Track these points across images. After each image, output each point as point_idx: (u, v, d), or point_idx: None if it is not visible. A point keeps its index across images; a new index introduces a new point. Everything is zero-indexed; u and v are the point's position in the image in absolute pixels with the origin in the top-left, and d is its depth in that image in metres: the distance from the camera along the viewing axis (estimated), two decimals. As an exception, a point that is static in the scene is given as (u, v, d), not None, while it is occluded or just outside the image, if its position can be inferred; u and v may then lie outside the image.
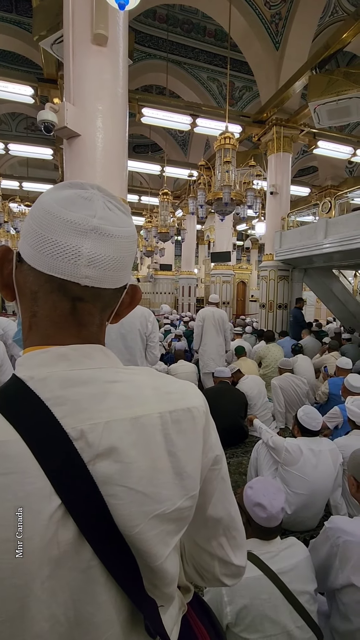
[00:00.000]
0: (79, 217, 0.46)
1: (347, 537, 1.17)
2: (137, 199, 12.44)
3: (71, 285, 0.47)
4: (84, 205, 0.47)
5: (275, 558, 1.21)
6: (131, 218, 0.53)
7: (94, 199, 0.48)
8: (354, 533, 1.17)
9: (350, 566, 1.13)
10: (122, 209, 0.51)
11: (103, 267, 0.47)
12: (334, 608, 1.24)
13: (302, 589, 1.17)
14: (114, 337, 2.26)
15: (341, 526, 1.22)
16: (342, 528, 1.21)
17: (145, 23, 8.68)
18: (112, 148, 3.14)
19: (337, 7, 7.43)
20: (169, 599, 0.54)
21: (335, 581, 1.17)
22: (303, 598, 1.16)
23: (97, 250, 0.47)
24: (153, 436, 0.46)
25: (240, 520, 0.63)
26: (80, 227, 0.46)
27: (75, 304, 0.48)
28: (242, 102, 10.22)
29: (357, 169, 13.07)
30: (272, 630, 1.10)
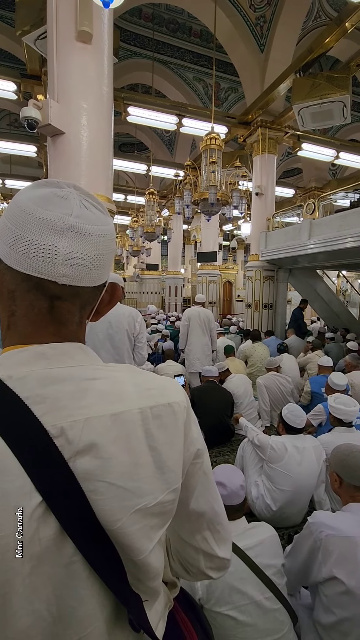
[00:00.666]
0: (55, 216, 0.46)
1: (329, 532, 1.19)
2: (123, 198, 12.36)
3: (48, 284, 0.47)
4: (60, 204, 0.47)
5: (240, 536, 1.28)
6: (109, 216, 0.54)
7: (70, 197, 0.48)
8: (336, 527, 1.20)
9: (332, 559, 1.16)
10: (99, 208, 0.51)
11: (80, 266, 0.47)
12: (317, 601, 1.27)
13: (268, 563, 1.24)
14: (101, 337, 2.24)
15: (324, 521, 1.24)
16: (324, 523, 1.23)
17: (131, 21, 8.63)
18: (97, 146, 3.12)
19: (320, 11, 7.57)
20: (154, 593, 0.55)
21: (318, 575, 1.20)
22: (269, 571, 1.23)
23: (74, 249, 0.47)
24: (134, 431, 0.47)
25: (225, 515, 0.64)
26: (56, 226, 0.46)
27: (53, 303, 0.48)
28: (227, 103, 10.29)
29: (340, 172, 13.34)
30: (240, 601, 1.17)
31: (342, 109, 5.84)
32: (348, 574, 1.12)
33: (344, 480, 1.31)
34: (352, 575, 1.12)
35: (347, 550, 1.14)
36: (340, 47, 6.97)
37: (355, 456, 1.31)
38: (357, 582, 1.11)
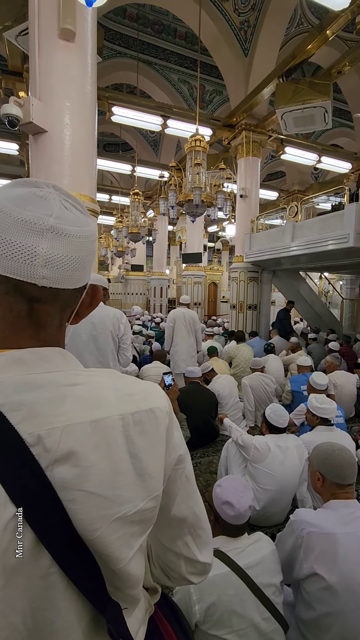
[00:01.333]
0: (34, 217, 0.45)
1: (311, 529, 1.21)
2: (108, 198, 12.26)
3: (28, 286, 0.46)
4: (40, 204, 0.46)
5: (242, 554, 1.23)
6: (89, 217, 0.53)
7: (50, 197, 0.47)
8: (317, 524, 1.22)
9: (313, 556, 1.17)
10: (79, 208, 0.51)
11: (61, 268, 0.46)
12: (298, 598, 1.28)
13: (268, 582, 1.20)
14: (85, 339, 2.21)
15: (305, 518, 1.26)
16: (306, 520, 1.25)
17: (115, 21, 8.58)
18: (80, 146, 3.08)
19: (303, 18, 7.72)
20: (134, 601, 0.54)
21: (300, 571, 1.21)
22: (269, 590, 1.19)
23: (54, 250, 0.46)
24: (114, 438, 0.46)
25: (206, 518, 0.63)
26: (35, 227, 0.45)
27: (32, 305, 0.47)
28: (212, 105, 10.35)
29: (322, 175, 13.63)
30: (239, 625, 1.13)
31: (324, 114, 5.97)
32: (328, 569, 1.14)
33: (327, 479, 1.33)
34: (332, 571, 1.13)
35: (328, 547, 1.16)
36: (322, 54, 7.13)
37: (337, 455, 1.33)
38: (337, 577, 1.13)
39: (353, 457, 1.33)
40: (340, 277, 11.87)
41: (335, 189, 6.41)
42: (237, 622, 1.13)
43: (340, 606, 1.12)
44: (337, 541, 1.16)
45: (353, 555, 1.13)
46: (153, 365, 4.46)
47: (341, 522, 1.21)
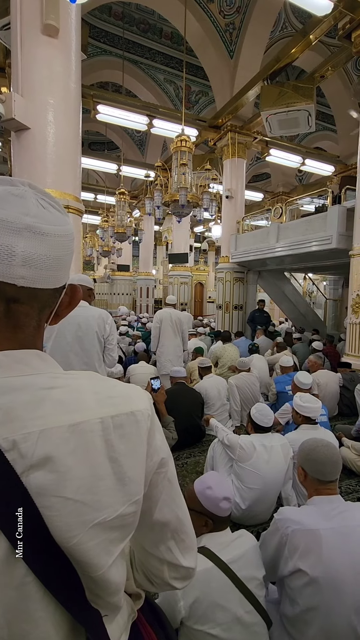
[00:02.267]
0: (11, 215, 0.44)
1: (295, 526, 1.22)
2: (93, 198, 12.14)
3: (5, 287, 0.45)
4: (16, 203, 0.45)
5: (226, 549, 1.25)
6: (67, 216, 0.52)
7: (26, 196, 0.46)
8: (301, 522, 1.23)
9: (298, 553, 1.18)
10: (56, 207, 0.50)
11: (39, 267, 0.46)
12: (283, 595, 1.29)
13: (251, 576, 1.23)
14: (70, 340, 2.18)
15: (289, 516, 1.27)
16: (290, 518, 1.26)
17: (101, 18, 8.51)
18: (64, 144, 3.04)
19: (287, 22, 7.83)
20: (115, 608, 0.53)
21: (285, 569, 1.22)
22: (252, 584, 1.21)
23: (32, 249, 0.45)
24: (93, 442, 0.45)
25: (190, 522, 0.63)
26: (12, 226, 0.44)
27: (9, 306, 0.46)
28: (198, 106, 10.39)
29: (306, 178, 13.85)
30: (223, 618, 1.15)
31: (307, 117, 6.07)
32: (312, 565, 1.15)
33: (309, 474, 1.35)
34: (315, 566, 1.15)
35: (312, 543, 1.17)
36: (306, 58, 7.24)
37: (319, 451, 1.34)
38: (320, 572, 1.14)
39: (336, 454, 1.33)
40: (324, 277, 12.09)
41: (319, 191, 6.53)
42: (220, 616, 1.14)
43: (324, 600, 1.14)
44: (321, 537, 1.17)
45: (336, 550, 1.15)
46: (140, 365, 4.44)
47: (324, 517, 1.23)
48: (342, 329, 8.92)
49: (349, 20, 4.81)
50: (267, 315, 7.67)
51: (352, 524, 1.21)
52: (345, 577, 1.13)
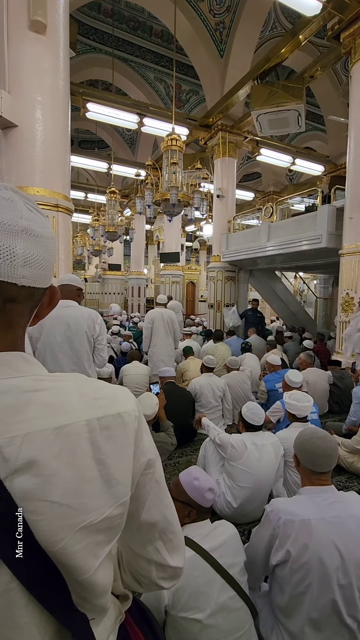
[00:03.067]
0: (8, 218, 0.45)
1: (286, 517, 1.23)
2: (84, 196, 12.06)
3: (7, 286, 0.46)
4: (9, 207, 0.46)
5: (206, 538, 1.29)
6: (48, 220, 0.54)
7: (15, 200, 0.47)
8: (292, 512, 1.24)
9: (289, 542, 1.20)
10: (40, 211, 0.52)
11: (37, 267, 0.48)
12: (273, 584, 1.32)
13: (232, 562, 1.27)
14: (59, 340, 2.16)
15: (280, 507, 1.28)
16: (281, 509, 1.27)
17: (90, 15, 8.43)
18: (52, 141, 3.00)
19: (277, 22, 7.86)
20: (102, 610, 0.53)
21: (274, 558, 1.24)
22: (233, 570, 1.25)
23: (30, 250, 0.47)
24: (79, 445, 0.45)
25: (178, 522, 0.63)
26: (10, 228, 0.45)
27: (5, 305, 0.47)
28: (189, 105, 10.37)
29: (296, 177, 13.95)
30: (207, 605, 1.18)
31: (297, 117, 6.12)
32: (301, 553, 1.17)
33: (301, 463, 1.36)
34: (304, 554, 1.17)
35: (302, 532, 1.19)
36: (295, 59, 7.29)
37: (312, 442, 1.34)
38: (308, 559, 1.16)
39: (331, 447, 1.33)
40: (315, 276, 12.21)
41: (309, 190, 6.58)
42: (203, 602, 1.17)
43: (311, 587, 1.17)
44: (311, 526, 1.19)
45: (325, 539, 1.17)
46: (133, 365, 4.42)
47: (316, 507, 1.25)
48: (333, 327, 9.02)
49: (338, 21, 4.85)
50: (260, 315, 7.63)
51: (343, 513, 1.23)
52: (332, 564, 1.16)
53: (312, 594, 1.17)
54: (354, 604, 1.17)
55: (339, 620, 1.17)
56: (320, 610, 1.17)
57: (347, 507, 1.25)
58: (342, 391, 4.34)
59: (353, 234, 4.74)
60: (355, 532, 1.20)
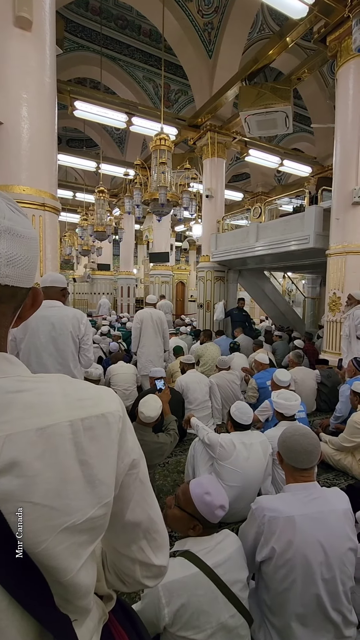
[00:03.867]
0: None
1: (271, 514, 1.24)
2: (72, 195, 11.94)
3: None
4: None
5: (211, 552, 1.24)
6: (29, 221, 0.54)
7: None
8: (277, 509, 1.25)
9: (273, 539, 1.21)
10: (22, 212, 0.52)
11: (20, 266, 0.48)
12: (260, 582, 1.33)
13: (235, 579, 1.22)
14: (44, 340, 2.13)
15: (265, 505, 1.29)
16: (266, 506, 1.28)
17: (77, 13, 8.35)
18: (39, 139, 2.97)
19: (264, 24, 7.92)
20: (84, 611, 0.53)
21: (260, 555, 1.25)
22: (236, 587, 1.21)
23: (13, 250, 0.47)
24: (62, 446, 0.45)
25: (162, 521, 0.63)
26: None
27: None
28: (178, 104, 10.37)
29: (284, 178, 14.09)
30: (207, 624, 1.13)
31: (285, 119, 6.18)
32: (285, 549, 1.19)
33: (284, 460, 1.37)
34: (288, 550, 1.18)
35: (286, 529, 1.21)
36: (283, 60, 7.36)
37: (295, 439, 1.36)
38: (292, 555, 1.18)
39: (313, 444, 1.34)
40: (303, 276, 12.36)
41: (296, 191, 6.65)
42: (205, 622, 1.13)
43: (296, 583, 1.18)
44: (295, 523, 1.21)
45: (308, 535, 1.19)
46: (119, 366, 4.40)
47: (299, 504, 1.26)
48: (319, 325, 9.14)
49: (324, 25, 4.91)
50: (245, 314, 7.68)
51: (326, 509, 1.25)
52: (316, 559, 1.17)
53: (296, 590, 1.18)
54: (338, 597, 1.19)
55: (323, 615, 1.19)
56: (306, 605, 1.18)
57: (328, 502, 1.27)
58: (330, 389, 4.40)
59: (339, 235, 4.81)
60: (337, 526, 1.22)
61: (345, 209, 4.72)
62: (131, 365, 4.58)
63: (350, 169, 4.65)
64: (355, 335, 4.15)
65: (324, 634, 1.20)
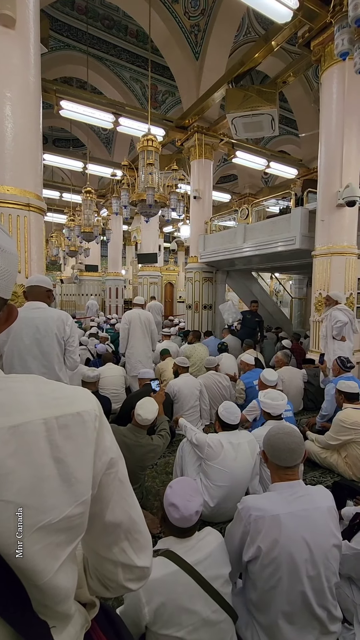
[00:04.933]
0: None
1: (257, 513, 1.25)
2: (58, 196, 11.81)
3: None
4: None
5: (191, 550, 1.24)
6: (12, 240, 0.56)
7: None
8: (262, 508, 1.26)
9: (259, 538, 1.22)
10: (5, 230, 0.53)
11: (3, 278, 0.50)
12: (247, 580, 1.33)
13: (216, 574, 1.22)
14: (27, 343, 2.10)
15: (251, 504, 1.30)
16: (252, 506, 1.29)
17: (63, 12, 8.28)
18: (23, 139, 2.92)
19: (250, 28, 8.01)
20: (64, 617, 0.52)
21: (246, 555, 1.26)
22: (217, 583, 1.21)
23: None
24: (36, 444, 0.45)
25: (144, 522, 0.63)
26: None
27: None
28: (165, 105, 10.38)
29: (271, 180, 14.25)
30: (189, 621, 1.14)
31: (271, 121, 6.25)
32: (271, 547, 1.20)
33: (269, 458, 1.38)
34: (274, 549, 1.19)
35: (272, 527, 1.22)
36: (269, 64, 7.46)
37: (279, 438, 1.37)
38: (278, 553, 1.19)
39: (296, 442, 1.36)
40: (290, 277, 12.49)
41: (283, 193, 6.73)
42: (186, 619, 1.14)
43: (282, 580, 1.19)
44: (280, 521, 1.22)
45: (294, 532, 1.20)
46: (108, 368, 4.37)
47: (284, 502, 1.28)
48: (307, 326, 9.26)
49: (308, 29, 4.99)
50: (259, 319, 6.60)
51: (310, 506, 1.27)
52: (301, 556, 1.18)
53: (282, 587, 1.19)
54: (323, 593, 1.21)
55: (309, 612, 1.20)
56: (292, 602, 1.19)
57: (313, 500, 1.29)
58: (316, 388, 4.46)
59: (324, 236, 4.88)
60: (322, 523, 1.24)
61: (330, 211, 4.79)
62: (119, 367, 4.56)
63: (335, 172, 4.73)
64: (332, 335, 4.21)
65: (310, 630, 1.22)
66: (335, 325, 4.15)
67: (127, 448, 2.16)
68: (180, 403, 3.66)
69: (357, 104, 4.71)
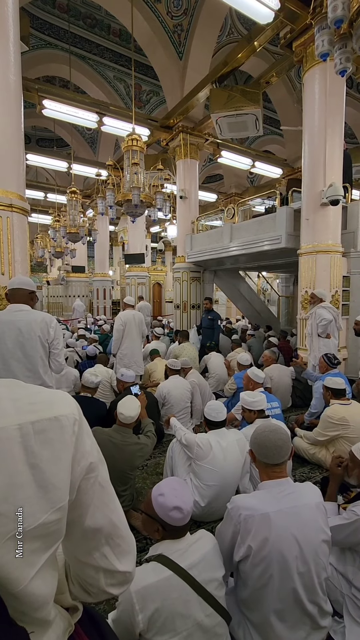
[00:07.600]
0: None
1: (246, 512, 1.25)
2: (43, 196, 11.64)
3: None
4: None
5: (185, 554, 1.22)
6: None
7: None
8: (252, 507, 1.26)
9: (250, 537, 1.22)
10: None
11: None
12: (238, 579, 1.33)
13: (210, 577, 1.21)
14: (10, 346, 2.06)
15: (240, 504, 1.30)
16: (241, 505, 1.29)
17: (44, 10, 8.16)
18: (4, 139, 2.87)
19: (233, 28, 8.04)
20: (42, 623, 0.51)
21: (237, 554, 1.25)
22: (211, 586, 1.20)
23: None
24: (10, 450, 0.44)
25: (126, 526, 0.62)
26: None
27: None
28: (149, 105, 10.34)
29: (257, 180, 14.36)
30: (183, 626, 1.12)
31: (255, 121, 6.30)
32: (261, 546, 1.20)
33: (257, 457, 1.39)
34: (264, 547, 1.20)
35: (262, 526, 1.22)
36: (252, 64, 7.51)
37: (265, 435, 1.38)
38: (268, 551, 1.19)
39: (282, 439, 1.37)
40: (277, 275, 12.62)
41: (268, 192, 6.78)
42: (180, 624, 1.12)
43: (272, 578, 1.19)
44: (270, 519, 1.22)
45: (283, 530, 1.21)
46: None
47: (274, 500, 1.28)
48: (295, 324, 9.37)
49: (290, 30, 5.04)
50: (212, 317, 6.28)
51: (299, 503, 1.28)
52: (291, 553, 1.19)
53: (273, 585, 1.19)
54: (314, 589, 1.22)
55: (300, 608, 1.21)
56: (283, 600, 1.20)
57: (301, 497, 1.30)
58: (304, 386, 4.52)
59: (309, 235, 4.95)
60: (310, 520, 1.25)
61: (315, 210, 4.86)
62: (108, 370, 4.52)
63: (318, 171, 4.79)
64: (317, 333, 4.27)
65: (301, 626, 1.22)
66: (320, 324, 4.21)
67: (115, 448, 2.15)
68: (171, 405, 3.64)
69: (339, 104, 4.79)
